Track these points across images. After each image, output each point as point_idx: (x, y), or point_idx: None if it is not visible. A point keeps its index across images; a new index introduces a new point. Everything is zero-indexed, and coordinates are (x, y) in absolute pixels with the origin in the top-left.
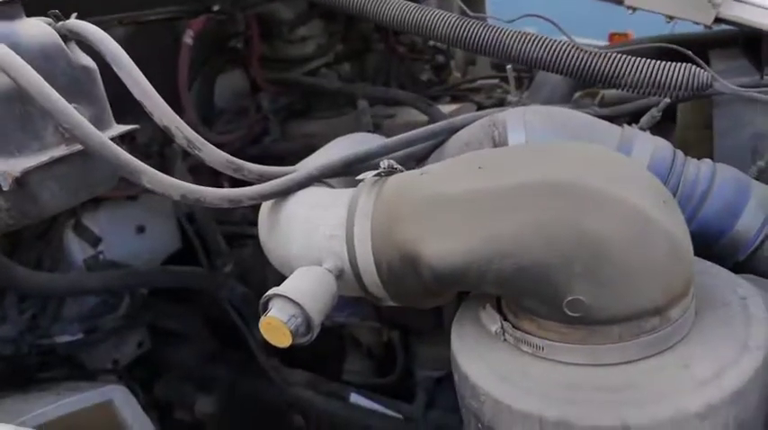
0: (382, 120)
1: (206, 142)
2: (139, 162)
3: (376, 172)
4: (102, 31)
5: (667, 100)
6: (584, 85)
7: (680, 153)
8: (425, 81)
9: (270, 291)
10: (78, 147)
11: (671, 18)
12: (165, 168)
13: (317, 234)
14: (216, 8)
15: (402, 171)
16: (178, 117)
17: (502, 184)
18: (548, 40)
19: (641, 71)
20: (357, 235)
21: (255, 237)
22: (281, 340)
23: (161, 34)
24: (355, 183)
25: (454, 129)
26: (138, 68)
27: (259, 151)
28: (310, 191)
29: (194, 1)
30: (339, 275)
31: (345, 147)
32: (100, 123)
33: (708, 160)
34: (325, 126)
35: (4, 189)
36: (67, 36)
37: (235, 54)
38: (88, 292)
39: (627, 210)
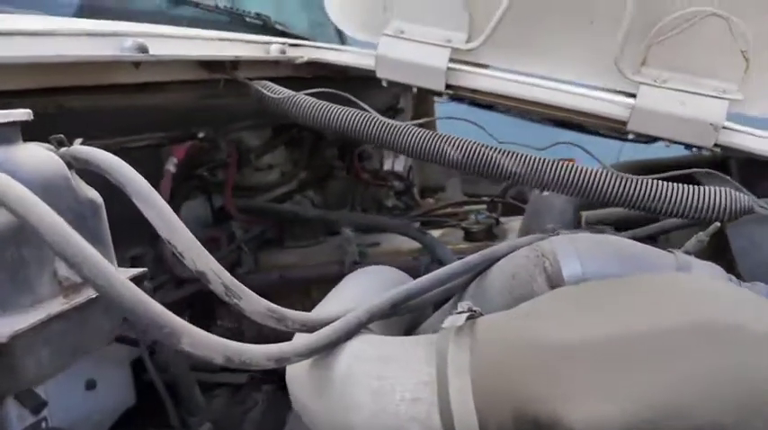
0: (366, 249)
1: (245, 288)
2: (178, 319)
3: (450, 323)
4: (116, 158)
5: (717, 224)
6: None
7: (733, 277)
8: (390, 207)
9: None
10: (80, 299)
11: (670, 143)
12: None
13: (393, 398)
14: (201, 135)
15: (482, 314)
16: (214, 259)
17: (638, 330)
18: (574, 166)
19: (683, 197)
20: (453, 395)
21: (228, 386)
22: None
23: (145, 161)
24: (395, 326)
25: (492, 261)
26: (163, 201)
27: None
28: (366, 341)
29: (181, 128)
30: None
31: (364, 285)
32: None
33: (757, 282)
34: (301, 255)
35: None
36: (71, 164)
37: (200, 181)
38: None
39: None
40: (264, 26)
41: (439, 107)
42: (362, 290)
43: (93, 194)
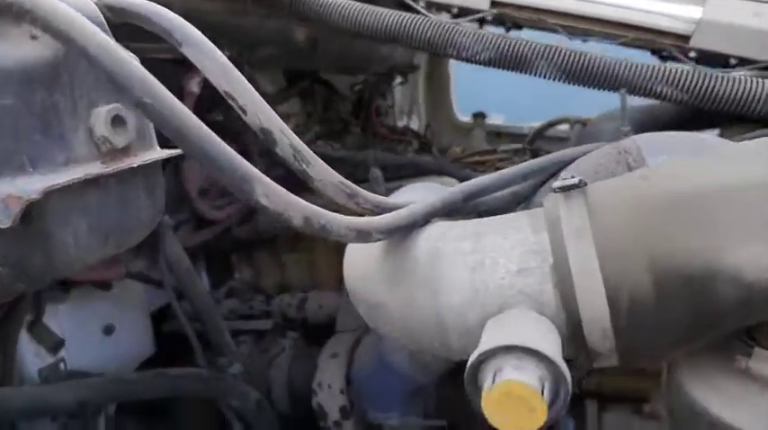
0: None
1: (314, 155)
2: (252, 166)
3: (562, 184)
4: (162, 7)
5: None
6: None
7: None
8: None
9: (488, 345)
10: (121, 165)
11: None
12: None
13: (495, 272)
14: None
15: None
16: (281, 120)
17: None
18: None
19: None
20: (574, 260)
21: (252, 333)
22: (529, 420)
23: (165, 76)
24: None
25: (563, 164)
26: (219, 52)
27: (249, 233)
28: (448, 222)
29: None
30: None
31: (419, 191)
32: (142, 140)
33: None
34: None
35: (5, 225)
36: (109, 19)
37: (214, 127)
38: (56, 411)
39: None
40: None
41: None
42: (419, 194)
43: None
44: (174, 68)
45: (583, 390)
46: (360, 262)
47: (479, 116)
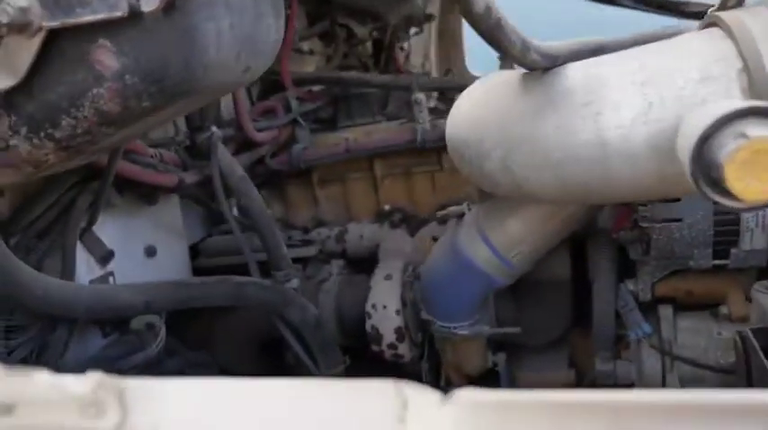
0: (440, 116)
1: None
2: None
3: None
4: None
5: None
6: None
7: None
8: (432, 108)
9: (720, 111)
10: None
11: None
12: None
13: (672, 82)
14: None
15: None
16: None
17: None
18: None
19: None
20: None
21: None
22: None
23: None
24: None
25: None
26: None
27: (282, 164)
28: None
29: None
30: None
31: None
32: None
33: None
34: (361, 134)
35: (151, 6)
36: None
37: None
38: (122, 311)
39: None
40: None
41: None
42: None
43: None
44: None
45: (655, 296)
46: (487, 103)
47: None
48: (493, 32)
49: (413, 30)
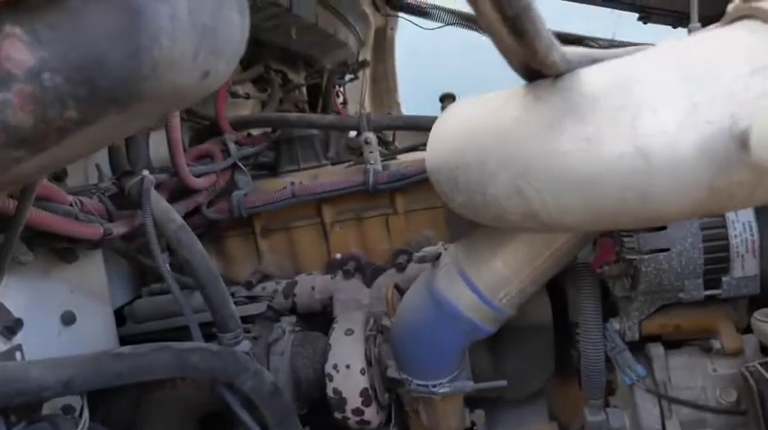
0: (391, 157)
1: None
2: None
3: None
4: None
5: None
6: None
7: None
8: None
9: None
10: None
11: None
12: None
13: (719, 77)
14: None
15: None
16: None
17: None
18: None
19: None
20: None
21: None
22: None
23: None
24: None
25: None
26: None
27: (220, 214)
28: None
29: None
30: None
31: None
32: None
33: None
34: (308, 179)
35: None
36: None
37: None
38: (36, 394)
39: None
40: None
41: None
42: None
43: None
44: None
45: (643, 335)
46: (482, 124)
47: (449, 98)
48: (519, 17)
49: (348, 76)
